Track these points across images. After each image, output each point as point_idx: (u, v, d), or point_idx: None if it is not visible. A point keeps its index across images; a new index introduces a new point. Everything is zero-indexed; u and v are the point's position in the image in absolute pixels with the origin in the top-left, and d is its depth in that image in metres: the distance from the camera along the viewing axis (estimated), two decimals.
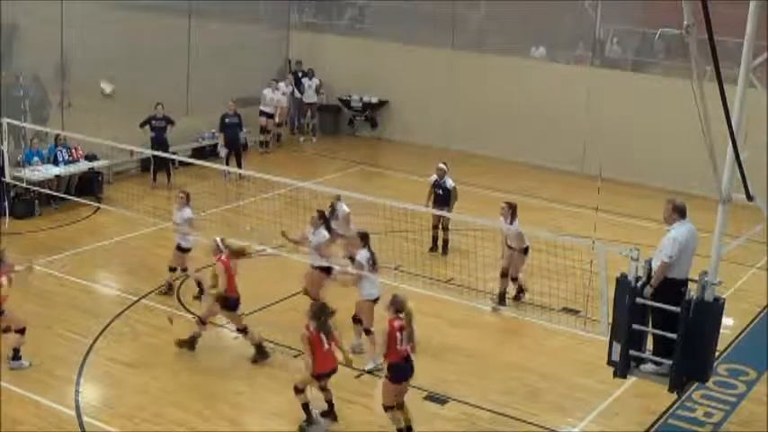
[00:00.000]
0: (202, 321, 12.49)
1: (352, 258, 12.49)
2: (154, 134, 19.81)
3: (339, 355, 10.76)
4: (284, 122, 24.72)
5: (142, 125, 19.81)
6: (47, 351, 12.43)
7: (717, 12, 6.96)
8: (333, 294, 12.99)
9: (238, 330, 12.52)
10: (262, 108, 23.36)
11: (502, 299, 14.44)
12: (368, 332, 12.49)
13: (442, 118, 23.97)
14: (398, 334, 10.28)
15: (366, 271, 12.23)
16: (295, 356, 12.60)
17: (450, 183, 16.39)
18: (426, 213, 16.15)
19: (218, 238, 12.51)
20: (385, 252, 14.38)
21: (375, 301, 12.42)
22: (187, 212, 14.18)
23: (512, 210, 14.11)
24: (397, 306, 10.37)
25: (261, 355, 12.42)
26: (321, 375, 10.67)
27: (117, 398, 11.47)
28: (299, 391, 10.74)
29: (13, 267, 12.03)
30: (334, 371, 10.77)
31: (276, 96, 23.41)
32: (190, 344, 12.50)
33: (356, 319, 12.66)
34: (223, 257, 12.25)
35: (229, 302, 12.32)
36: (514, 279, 14.60)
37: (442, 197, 16.31)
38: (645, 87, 21.71)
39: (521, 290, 14.75)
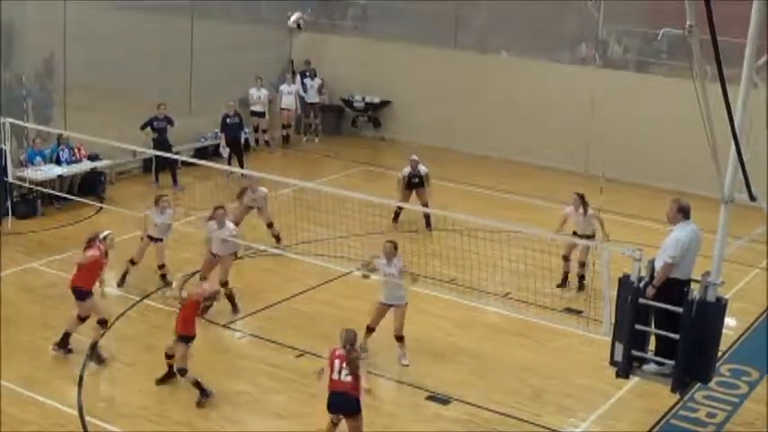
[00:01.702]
0: None
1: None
2: (156, 135, 19.80)
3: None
4: (292, 124, 24.66)
5: (143, 127, 19.76)
6: (49, 351, 12.43)
7: (719, 12, 6.94)
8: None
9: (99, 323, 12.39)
10: (252, 108, 23.33)
11: (564, 280, 15.19)
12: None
13: (445, 118, 23.95)
14: (336, 362, 9.80)
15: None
16: (297, 356, 12.61)
17: (423, 169, 17.82)
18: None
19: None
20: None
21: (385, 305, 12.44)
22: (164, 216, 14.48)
23: (582, 202, 14.80)
24: (346, 339, 9.88)
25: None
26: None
27: (119, 398, 11.48)
28: None
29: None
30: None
31: (261, 95, 23.37)
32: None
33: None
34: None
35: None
36: (582, 264, 15.08)
37: (419, 183, 17.80)
38: (647, 88, 21.68)
39: (582, 277, 15.14)
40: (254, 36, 24.19)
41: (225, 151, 21.05)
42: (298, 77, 24.81)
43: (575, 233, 14.95)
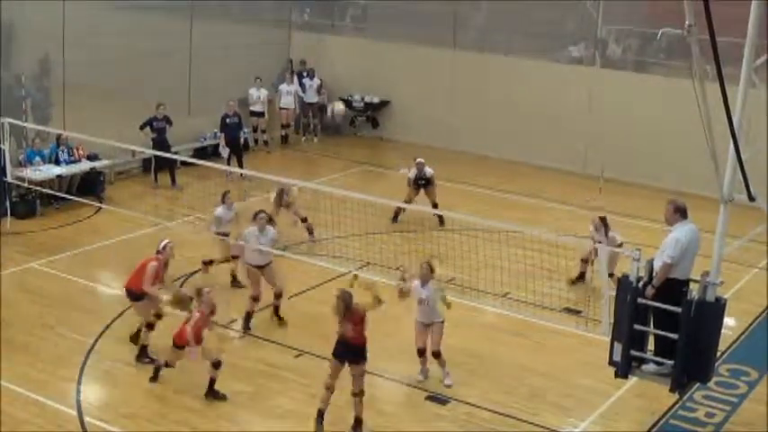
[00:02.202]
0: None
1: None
2: (155, 135, 19.80)
3: None
4: (291, 124, 24.67)
5: (142, 127, 19.76)
6: (48, 351, 12.44)
7: (718, 12, 6.95)
8: None
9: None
10: (251, 108, 23.34)
11: (581, 277, 15.31)
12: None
13: (444, 118, 23.96)
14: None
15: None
16: (297, 356, 12.62)
17: (429, 171, 17.99)
18: (425, 213, 16.17)
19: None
20: (386, 252, 14.41)
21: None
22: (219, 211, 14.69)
23: (604, 224, 14.72)
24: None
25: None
26: None
27: (118, 398, 11.48)
28: None
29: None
30: None
31: (261, 95, 23.38)
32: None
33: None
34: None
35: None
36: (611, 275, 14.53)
37: (426, 184, 18.00)
38: (646, 87, 21.69)
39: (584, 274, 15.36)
40: (253, 36, 24.17)
41: (224, 151, 21.05)
42: (290, 76, 24.84)
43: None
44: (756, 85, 9.34)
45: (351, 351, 10.66)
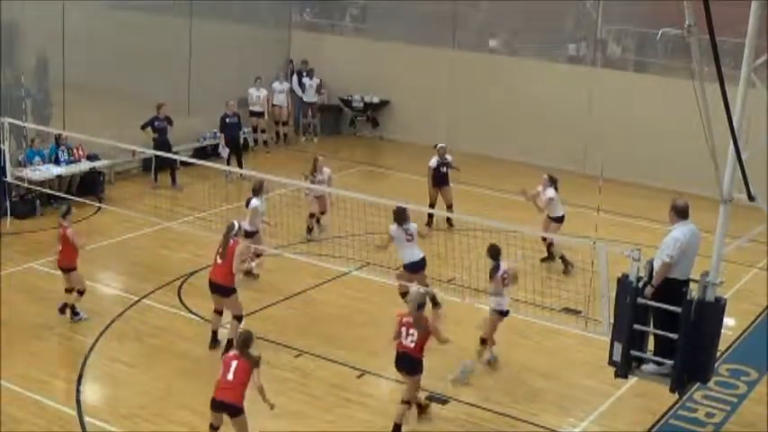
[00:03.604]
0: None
1: None
2: (157, 135, 19.79)
3: None
4: (287, 122, 24.67)
5: (144, 127, 19.77)
6: (48, 351, 12.44)
7: (718, 11, 6.94)
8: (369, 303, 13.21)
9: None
10: (251, 108, 23.35)
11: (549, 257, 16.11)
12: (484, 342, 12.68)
13: (444, 118, 23.96)
14: (403, 329, 10.65)
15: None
16: (296, 356, 12.61)
17: (449, 158, 18.01)
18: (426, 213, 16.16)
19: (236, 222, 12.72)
20: (386, 252, 14.39)
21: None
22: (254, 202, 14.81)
23: (551, 181, 15.88)
24: (414, 300, 10.77)
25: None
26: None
27: (118, 398, 11.48)
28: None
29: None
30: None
31: (260, 94, 23.39)
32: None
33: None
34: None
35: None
36: (550, 245, 15.99)
37: (445, 174, 17.87)
38: (646, 87, 21.70)
39: (550, 255, 16.18)
40: (253, 36, 24.18)
41: (224, 151, 21.05)
42: (295, 76, 24.82)
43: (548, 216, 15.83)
44: (756, 84, 9.32)
45: (407, 362, 10.75)
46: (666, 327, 9.52)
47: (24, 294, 14.29)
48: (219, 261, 12.34)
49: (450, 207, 17.65)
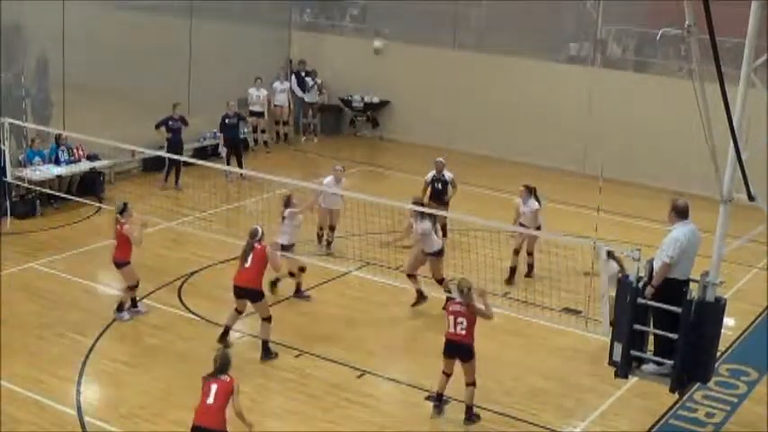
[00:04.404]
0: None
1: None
2: (170, 135, 19.76)
3: None
4: (287, 122, 24.66)
5: (158, 126, 19.76)
6: (48, 351, 12.44)
7: (718, 11, 6.94)
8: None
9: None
10: (251, 108, 23.35)
11: (512, 273, 15.34)
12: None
13: (444, 118, 23.96)
14: (451, 318, 10.99)
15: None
16: (296, 356, 12.61)
17: (448, 175, 16.86)
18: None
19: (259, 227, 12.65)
20: (386, 252, 14.42)
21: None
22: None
23: (529, 191, 15.19)
24: (462, 288, 11.06)
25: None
26: None
27: (118, 398, 11.47)
28: None
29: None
30: None
31: (261, 94, 23.39)
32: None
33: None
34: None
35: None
36: (530, 253, 15.58)
37: (441, 191, 16.80)
38: (646, 87, 21.70)
39: (531, 267, 15.61)
40: (253, 36, 24.18)
41: (223, 151, 21.05)
42: (293, 76, 24.82)
43: (521, 224, 15.15)
44: (756, 84, 9.32)
45: (462, 350, 11.05)
46: (666, 327, 9.52)
47: (24, 294, 14.28)
48: (246, 266, 12.33)
49: (443, 227, 16.56)
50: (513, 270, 15.36)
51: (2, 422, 10.59)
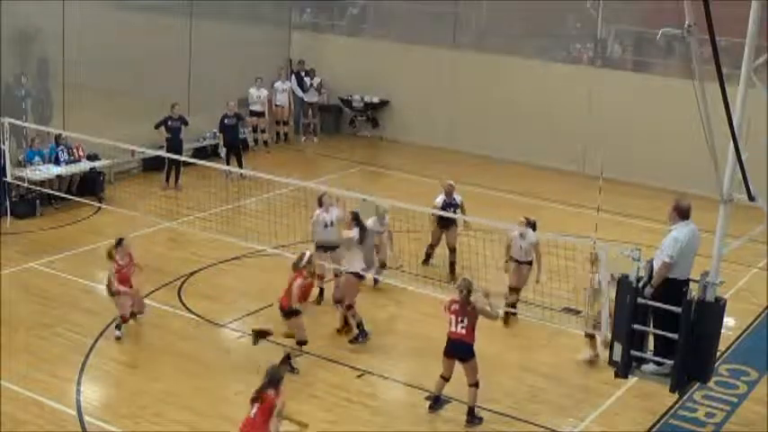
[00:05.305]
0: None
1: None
2: (170, 135, 19.75)
3: None
4: (287, 121, 24.67)
5: (157, 126, 19.76)
6: (48, 351, 12.44)
7: (718, 11, 6.94)
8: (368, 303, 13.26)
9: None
10: (251, 108, 23.36)
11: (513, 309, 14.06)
12: (350, 308, 13.03)
13: (444, 118, 23.96)
14: (452, 317, 11.00)
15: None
16: (296, 356, 12.60)
17: (458, 198, 15.66)
18: (426, 213, 16.11)
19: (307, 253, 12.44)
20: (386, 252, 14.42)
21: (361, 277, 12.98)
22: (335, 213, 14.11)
23: (531, 225, 13.94)
24: (462, 287, 11.04)
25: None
26: None
27: (118, 398, 11.48)
28: None
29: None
30: None
31: (261, 94, 23.40)
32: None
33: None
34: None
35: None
36: (453, 250, 15.52)
37: (451, 219, 15.32)
38: (646, 87, 21.68)
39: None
40: (253, 36, 24.17)
41: (223, 151, 21.05)
42: (293, 75, 24.83)
43: (515, 261, 14.15)
44: (756, 84, 9.32)
45: (463, 349, 11.06)
46: (666, 327, 9.52)
47: (24, 294, 14.29)
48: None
49: (453, 251, 15.63)
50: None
51: (2, 422, 10.59)
